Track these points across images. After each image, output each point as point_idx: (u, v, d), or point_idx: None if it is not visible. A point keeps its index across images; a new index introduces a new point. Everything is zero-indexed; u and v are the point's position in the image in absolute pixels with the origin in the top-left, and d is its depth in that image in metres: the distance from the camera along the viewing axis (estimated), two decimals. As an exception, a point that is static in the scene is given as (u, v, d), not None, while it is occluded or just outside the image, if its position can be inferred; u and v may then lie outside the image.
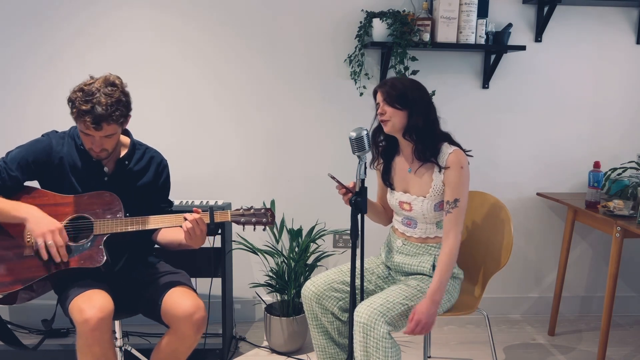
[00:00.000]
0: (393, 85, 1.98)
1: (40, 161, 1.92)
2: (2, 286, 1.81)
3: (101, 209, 1.92)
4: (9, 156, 1.92)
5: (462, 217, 1.98)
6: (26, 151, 1.92)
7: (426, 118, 1.98)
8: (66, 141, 1.97)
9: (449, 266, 1.95)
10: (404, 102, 1.96)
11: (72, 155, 1.96)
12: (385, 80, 2.04)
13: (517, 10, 2.95)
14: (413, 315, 1.89)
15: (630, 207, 2.48)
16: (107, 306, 1.77)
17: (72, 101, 1.83)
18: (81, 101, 1.79)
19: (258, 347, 2.82)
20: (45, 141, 1.96)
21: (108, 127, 1.83)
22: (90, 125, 1.80)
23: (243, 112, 2.93)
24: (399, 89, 1.97)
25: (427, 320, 1.89)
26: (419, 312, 1.89)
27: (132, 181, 2.03)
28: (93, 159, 1.96)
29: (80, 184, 1.95)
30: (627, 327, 3.13)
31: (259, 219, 1.93)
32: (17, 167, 1.89)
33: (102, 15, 2.77)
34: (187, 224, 1.86)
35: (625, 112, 3.10)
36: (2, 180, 1.87)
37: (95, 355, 1.76)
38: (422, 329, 1.89)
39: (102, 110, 1.79)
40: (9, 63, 2.77)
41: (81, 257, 1.86)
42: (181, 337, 1.88)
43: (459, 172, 1.96)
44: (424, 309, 1.89)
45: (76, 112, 1.81)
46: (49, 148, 1.94)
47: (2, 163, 1.90)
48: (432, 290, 1.92)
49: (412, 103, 1.97)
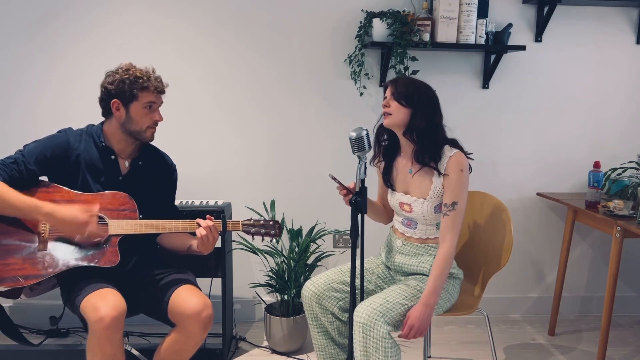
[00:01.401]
0: (405, 83, 2.00)
1: (57, 157, 1.93)
2: (13, 280, 1.81)
3: (115, 209, 1.93)
4: (26, 149, 1.93)
5: (459, 221, 1.98)
6: (44, 146, 1.93)
7: (429, 121, 1.98)
8: (83, 138, 1.99)
9: (444, 270, 1.94)
10: (410, 100, 1.97)
11: (89, 153, 1.97)
12: (399, 76, 2.05)
13: (517, 10, 2.95)
14: (407, 320, 1.90)
15: (630, 207, 2.48)
16: (120, 305, 1.77)
17: (124, 76, 1.91)
18: (137, 76, 1.92)
19: (258, 347, 2.82)
20: (63, 137, 1.98)
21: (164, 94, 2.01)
22: (155, 91, 1.95)
23: (243, 112, 2.94)
24: (410, 88, 1.98)
25: (421, 324, 1.90)
26: (412, 317, 1.89)
27: (144, 182, 2.05)
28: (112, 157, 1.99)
29: (94, 181, 1.96)
30: (627, 327, 3.13)
31: (268, 230, 2.04)
32: (35, 161, 1.90)
33: (106, 17, 2.78)
34: (201, 230, 1.88)
35: (625, 112, 3.10)
36: (20, 173, 1.88)
37: (106, 353, 1.76)
38: (415, 333, 1.90)
39: (157, 76, 1.99)
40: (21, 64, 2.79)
41: (95, 256, 1.87)
42: (188, 335, 1.89)
43: (458, 175, 1.96)
44: (418, 314, 1.90)
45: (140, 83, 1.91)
46: (66, 144, 1.95)
47: (20, 156, 1.90)
48: (426, 294, 1.92)
49: (417, 104, 1.97)
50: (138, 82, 1.91)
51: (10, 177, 1.85)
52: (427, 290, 1.93)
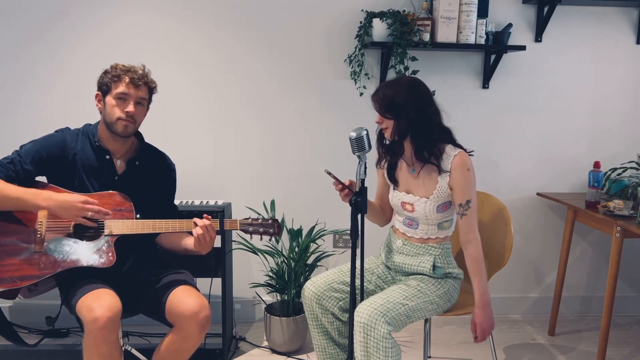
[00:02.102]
0: (383, 95, 1.98)
1: (54, 156, 1.94)
2: (10, 281, 1.81)
3: (112, 209, 1.92)
4: (22, 149, 1.94)
5: (476, 218, 2.00)
6: (40, 146, 1.94)
7: (419, 118, 1.95)
8: (80, 138, 2.00)
9: (482, 269, 1.99)
10: (393, 110, 1.96)
11: (85, 152, 1.98)
12: (378, 88, 2.04)
13: (517, 10, 2.95)
14: (474, 327, 1.98)
15: (630, 207, 2.48)
16: (115, 305, 1.77)
17: (108, 71, 1.95)
18: (121, 67, 1.94)
19: (258, 347, 2.82)
20: (60, 137, 1.98)
21: (144, 87, 1.96)
22: (130, 83, 1.92)
23: (243, 112, 2.93)
24: (388, 97, 1.96)
25: (489, 324, 1.98)
26: (479, 323, 1.97)
27: (141, 182, 2.05)
28: (106, 157, 1.99)
29: (90, 181, 1.97)
30: (627, 327, 3.13)
31: (267, 229, 2.00)
32: (31, 161, 1.91)
33: (110, 20, 2.78)
34: (197, 229, 1.88)
35: (625, 112, 3.10)
36: (16, 173, 1.89)
37: (102, 354, 1.76)
38: (487, 333, 1.99)
39: (140, 72, 1.97)
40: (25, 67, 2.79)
41: (91, 256, 1.86)
42: (185, 336, 1.88)
43: (466, 174, 1.96)
44: (481, 317, 1.97)
45: (114, 75, 1.93)
46: (63, 144, 1.96)
47: (16, 156, 1.91)
48: (479, 297, 1.98)
49: (401, 109, 1.95)
50: (113, 74, 1.94)
51: (7, 177, 1.86)
52: (477, 294, 1.98)
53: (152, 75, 2.03)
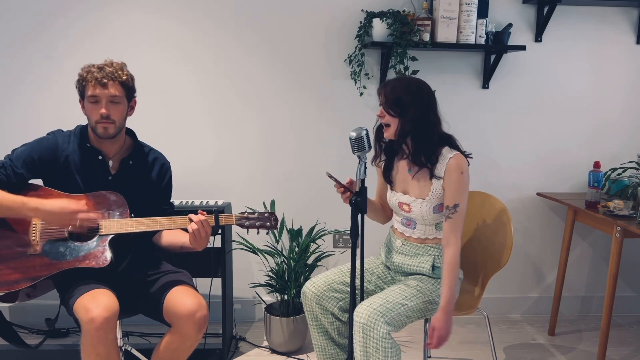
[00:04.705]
0: (393, 89, 1.96)
1: (46, 159, 1.93)
2: (6, 284, 1.81)
3: (107, 209, 1.92)
4: (14, 153, 1.93)
5: (461, 223, 1.97)
6: (32, 149, 1.93)
7: (422, 123, 1.95)
8: (72, 140, 1.99)
9: (455, 275, 1.95)
10: (399, 108, 1.94)
11: (78, 154, 1.97)
12: (388, 81, 2.02)
13: (517, 10, 2.95)
14: (432, 331, 1.92)
15: (630, 207, 2.48)
16: (112, 306, 1.77)
17: (80, 74, 1.92)
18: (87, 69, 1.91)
19: (258, 347, 2.82)
20: (51, 139, 1.97)
21: (114, 85, 1.89)
22: (96, 84, 1.87)
23: (243, 112, 2.93)
24: (397, 93, 1.94)
25: (447, 332, 1.92)
26: (437, 327, 1.92)
27: (136, 181, 2.03)
28: (99, 157, 1.98)
29: (84, 182, 1.96)
30: (627, 327, 3.13)
31: (263, 222, 1.95)
32: (22, 165, 1.90)
33: (109, 19, 2.78)
34: (192, 225, 1.86)
35: (625, 112, 3.10)
36: (8, 177, 1.88)
37: (100, 354, 1.76)
38: (441, 340, 1.92)
39: (109, 69, 1.89)
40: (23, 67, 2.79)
41: (86, 257, 1.86)
42: (183, 336, 1.88)
43: (458, 177, 1.95)
44: (441, 324, 1.92)
45: (82, 79, 1.89)
46: (54, 146, 1.95)
47: (7, 160, 1.91)
48: (444, 302, 1.93)
49: (406, 109, 1.94)
50: (82, 77, 1.92)
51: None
52: (443, 297, 1.93)
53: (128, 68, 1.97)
